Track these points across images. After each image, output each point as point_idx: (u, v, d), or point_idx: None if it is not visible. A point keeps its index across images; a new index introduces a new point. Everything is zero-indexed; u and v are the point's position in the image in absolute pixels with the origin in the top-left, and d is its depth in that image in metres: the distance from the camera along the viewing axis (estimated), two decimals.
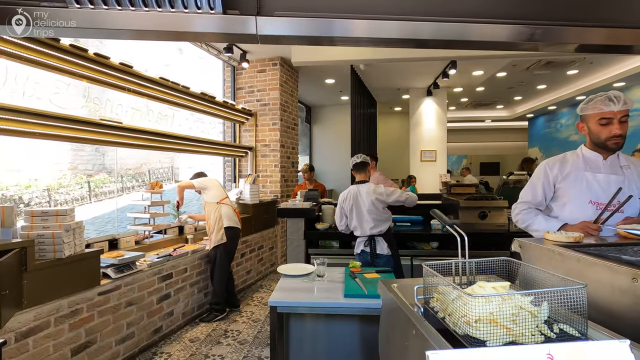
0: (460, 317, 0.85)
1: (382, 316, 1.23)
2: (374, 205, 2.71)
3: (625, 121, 1.50)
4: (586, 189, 1.58)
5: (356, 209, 2.76)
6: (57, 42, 2.77)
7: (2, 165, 9.95)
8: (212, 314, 3.59)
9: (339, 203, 2.86)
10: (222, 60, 5.41)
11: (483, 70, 6.25)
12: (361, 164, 2.82)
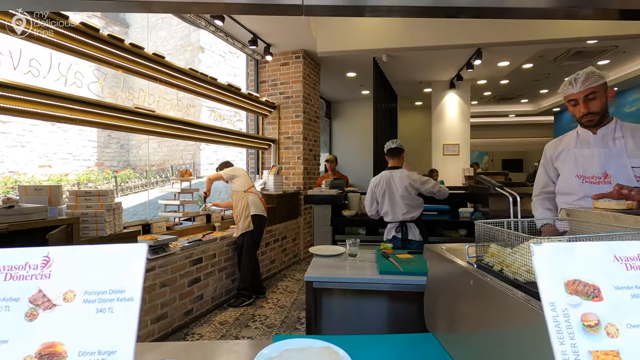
0: (521, 266, 0.85)
1: (429, 279, 1.23)
2: (407, 191, 2.70)
3: (594, 98, 1.55)
4: (573, 164, 1.67)
5: (388, 194, 2.76)
6: (96, 32, 2.89)
7: (35, 161, 10.37)
8: (239, 299, 3.66)
9: (370, 188, 2.86)
10: (246, 53, 5.50)
11: (509, 61, 6.11)
12: (396, 149, 2.82)
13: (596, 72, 1.56)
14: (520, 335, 0.70)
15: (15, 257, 0.39)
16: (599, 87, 1.54)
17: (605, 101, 1.57)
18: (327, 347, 1.02)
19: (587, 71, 1.56)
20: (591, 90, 1.54)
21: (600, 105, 1.56)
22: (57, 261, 0.39)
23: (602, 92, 1.56)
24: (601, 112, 1.57)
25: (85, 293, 0.38)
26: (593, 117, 1.57)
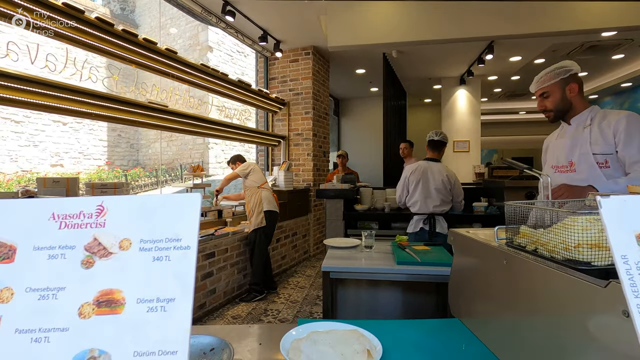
0: (559, 243, 0.82)
1: (454, 263, 1.21)
2: (443, 184, 2.71)
3: (547, 96, 1.59)
4: (551, 155, 1.73)
5: (423, 184, 2.75)
6: (110, 27, 2.91)
7: (47, 160, 10.52)
8: (251, 294, 3.66)
9: (404, 175, 2.86)
10: (256, 50, 5.50)
11: (521, 56, 6.03)
12: (438, 142, 2.81)
13: (561, 67, 1.56)
14: (565, 310, 0.68)
15: (69, 205, 0.38)
16: (553, 86, 1.57)
17: (560, 98, 1.58)
18: (354, 330, 1.01)
19: (549, 68, 1.59)
20: (542, 90, 1.60)
21: (554, 102, 1.59)
22: (112, 210, 0.38)
23: (556, 89, 1.58)
24: (555, 108, 1.60)
25: (141, 241, 0.37)
26: (549, 114, 1.63)
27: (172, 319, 0.34)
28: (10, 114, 10.07)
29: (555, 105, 1.59)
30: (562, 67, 1.56)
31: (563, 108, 1.60)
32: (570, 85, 1.57)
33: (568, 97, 1.57)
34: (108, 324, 0.34)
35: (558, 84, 1.56)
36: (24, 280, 0.36)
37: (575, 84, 1.58)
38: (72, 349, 0.33)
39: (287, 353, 0.88)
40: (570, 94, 1.57)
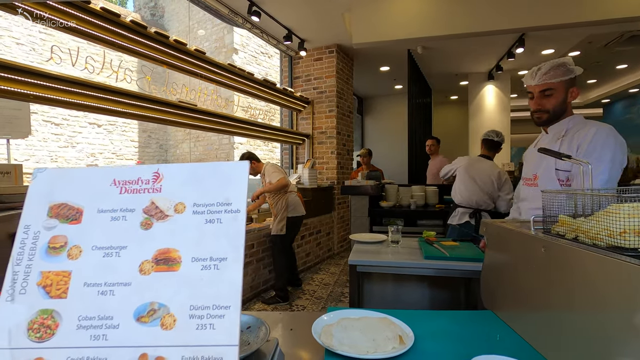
0: (602, 231, 0.79)
1: (487, 255, 1.18)
2: (491, 181, 2.70)
3: (550, 95, 1.39)
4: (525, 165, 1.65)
5: (469, 174, 2.77)
6: (143, 29, 3.04)
7: (83, 160, 11.08)
8: (274, 298, 3.56)
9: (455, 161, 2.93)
10: (280, 50, 5.57)
11: (554, 49, 5.78)
12: (495, 143, 2.81)
13: (566, 64, 1.39)
14: (610, 296, 0.65)
15: (128, 172, 0.41)
16: (559, 84, 1.38)
17: (562, 100, 1.40)
18: (384, 318, 1.01)
19: (555, 62, 1.40)
20: (548, 85, 1.38)
21: (555, 103, 1.40)
22: (167, 176, 0.40)
23: (561, 89, 1.39)
24: (553, 111, 1.42)
25: (194, 205, 0.39)
26: (542, 115, 1.44)
27: (224, 276, 0.36)
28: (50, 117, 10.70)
29: (555, 107, 1.40)
30: (570, 65, 1.39)
31: (560, 111, 1.42)
32: (573, 88, 1.41)
33: (568, 101, 1.40)
34: (166, 280, 0.36)
35: (564, 83, 1.37)
36: (90, 239, 0.39)
37: (576, 89, 1.42)
38: (134, 302, 0.36)
39: (319, 336, 0.89)
40: (570, 98, 1.41)
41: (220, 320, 0.35)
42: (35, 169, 0.41)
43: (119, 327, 0.35)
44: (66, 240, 0.39)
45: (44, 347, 0.35)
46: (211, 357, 0.34)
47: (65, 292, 0.37)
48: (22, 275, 0.37)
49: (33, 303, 0.36)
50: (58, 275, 0.37)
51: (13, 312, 0.36)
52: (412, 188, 3.55)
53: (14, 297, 0.37)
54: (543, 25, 3.70)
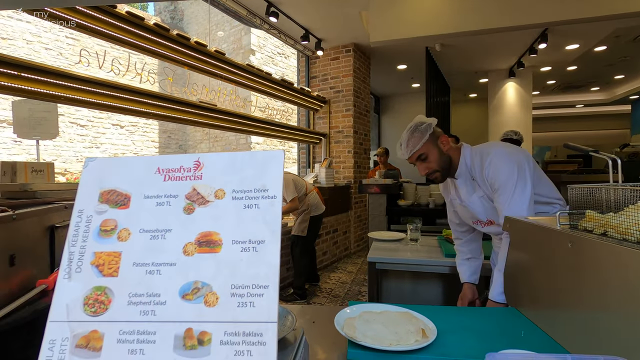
0: (633, 225, 0.77)
1: (510, 251, 1.17)
2: None
3: (427, 157, 1.41)
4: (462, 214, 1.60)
5: None
6: (166, 32, 3.12)
7: None
8: (292, 295, 3.61)
9: None
10: (298, 50, 5.61)
11: (579, 44, 5.59)
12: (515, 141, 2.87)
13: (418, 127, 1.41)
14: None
15: (171, 161, 0.43)
16: (425, 146, 1.40)
17: (439, 154, 1.42)
18: (406, 312, 1.01)
19: (409, 130, 1.43)
20: (418, 153, 1.41)
21: (436, 160, 1.41)
22: (207, 165, 0.43)
23: (430, 147, 1.41)
24: (441, 167, 1.43)
25: (233, 191, 0.41)
26: (436, 174, 1.45)
27: (263, 258, 0.38)
28: (76, 119, 11.11)
29: (439, 164, 1.42)
30: (422, 123, 1.42)
31: (447, 161, 1.43)
32: (440, 138, 1.43)
33: (445, 152, 1.42)
34: (208, 261, 0.39)
35: (430, 141, 1.40)
36: (137, 222, 0.42)
37: (444, 136, 1.44)
38: (179, 280, 0.39)
39: (342, 328, 0.91)
40: (445, 148, 1.43)
41: (259, 299, 0.37)
42: (87, 159, 0.44)
43: (166, 304, 0.38)
44: (116, 224, 0.41)
45: (99, 320, 0.38)
46: (252, 333, 0.36)
47: (116, 271, 0.40)
48: (77, 256, 0.41)
49: (88, 281, 0.39)
50: (109, 256, 0.40)
51: (70, 289, 0.39)
52: (431, 187, 3.52)
53: (70, 275, 0.40)
54: (567, 19, 3.59)
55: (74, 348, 0.37)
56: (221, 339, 0.36)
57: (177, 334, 0.37)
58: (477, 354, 0.81)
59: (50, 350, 0.37)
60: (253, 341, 0.35)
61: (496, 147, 1.42)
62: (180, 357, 0.36)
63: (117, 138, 12.11)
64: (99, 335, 0.37)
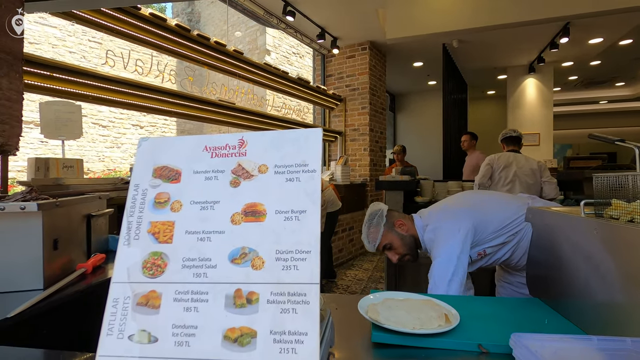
0: None
1: (533, 241, 1.17)
2: (532, 172, 2.68)
3: (391, 247, 1.39)
4: None
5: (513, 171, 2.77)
6: (187, 32, 3.21)
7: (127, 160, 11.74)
8: None
9: (487, 162, 2.93)
10: (313, 48, 5.65)
11: (602, 37, 5.43)
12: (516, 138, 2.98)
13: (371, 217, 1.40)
14: None
15: (217, 140, 0.47)
16: (386, 235, 1.37)
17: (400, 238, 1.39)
18: (428, 300, 1.03)
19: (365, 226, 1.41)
20: (381, 244, 1.39)
21: (400, 245, 1.39)
22: (250, 142, 0.46)
23: (391, 235, 1.38)
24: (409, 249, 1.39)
25: (275, 166, 0.44)
26: (407, 257, 1.41)
27: (304, 226, 0.41)
28: (98, 120, 11.48)
29: (405, 248, 1.39)
30: (374, 214, 1.41)
31: (412, 245, 1.40)
32: (395, 223, 1.40)
33: (406, 234, 1.40)
34: (254, 229, 0.42)
35: (387, 230, 1.38)
36: (188, 195, 0.45)
37: (399, 219, 1.41)
38: (228, 246, 0.42)
39: (366, 312, 0.93)
40: (403, 230, 1.40)
41: (302, 263, 0.40)
42: (141, 139, 0.49)
43: (217, 267, 0.41)
44: (169, 196, 0.45)
45: (156, 282, 0.42)
46: (296, 293, 0.39)
47: (170, 238, 0.43)
48: (135, 225, 0.45)
49: (145, 247, 0.43)
50: (164, 225, 0.44)
51: (130, 254, 0.43)
52: (449, 183, 3.49)
53: (129, 242, 0.44)
54: (590, 11, 3.50)
55: (135, 305, 0.41)
56: (268, 298, 0.39)
57: (228, 293, 0.40)
58: (501, 338, 0.82)
59: (114, 307, 0.41)
60: (297, 300, 0.39)
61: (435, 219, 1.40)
62: (231, 314, 0.39)
63: (137, 138, 12.45)
64: (157, 294, 0.41)
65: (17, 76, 1.09)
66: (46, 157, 2.22)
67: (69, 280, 0.98)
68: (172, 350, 0.39)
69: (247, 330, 0.38)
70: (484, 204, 1.43)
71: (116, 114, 10.73)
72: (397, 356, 0.83)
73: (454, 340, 0.84)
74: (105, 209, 1.32)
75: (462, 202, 1.46)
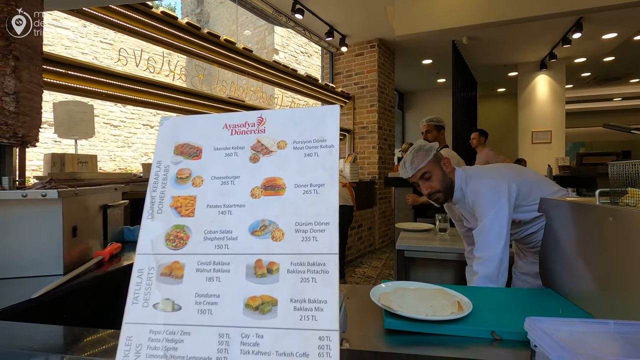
0: None
1: (546, 232, 1.16)
2: None
3: (430, 176, 1.43)
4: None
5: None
6: (197, 30, 3.24)
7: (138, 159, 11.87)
8: None
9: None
10: (322, 46, 5.66)
11: (617, 32, 5.33)
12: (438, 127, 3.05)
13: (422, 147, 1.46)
14: None
15: (237, 118, 0.48)
16: (430, 165, 1.43)
17: (442, 175, 1.44)
18: (440, 289, 1.03)
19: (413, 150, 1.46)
20: (423, 170, 1.43)
21: (439, 180, 1.44)
22: (269, 120, 0.47)
23: (433, 167, 1.44)
24: (443, 187, 1.45)
25: (294, 142, 0.45)
26: (438, 195, 1.46)
27: (323, 199, 0.42)
28: (109, 120, 11.66)
29: (442, 184, 1.43)
30: (426, 145, 1.47)
31: (448, 185, 1.45)
32: (443, 160, 1.47)
33: (447, 174, 1.45)
34: (274, 202, 0.43)
35: (433, 161, 1.43)
36: (209, 171, 0.47)
37: (446, 158, 1.48)
38: (248, 219, 0.43)
39: (378, 299, 0.94)
40: (447, 169, 1.45)
41: (321, 234, 0.41)
42: (162, 117, 0.50)
43: (238, 239, 0.42)
44: (190, 172, 0.47)
45: (179, 253, 0.43)
46: (315, 263, 0.40)
47: (192, 211, 0.45)
48: (158, 199, 0.46)
49: (168, 220, 0.45)
50: (186, 199, 0.45)
51: (154, 227, 0.45)
52: None
53: (153, 215, 0.45)
54: (604, 5, 3.44)
55: (159, 276, 0.42)
56: (288, 268, 0.40)
57: (249, 264, 0.41)
58: (515, 326, 0.82)
59: (139, 277, 0.43)
60: (317, 270, 0.39)
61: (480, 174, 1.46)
62: (252, 284, 0.40)
63: (147, 138, 12.62)
64: (180, 265, 0.42)
65: (37, 69, 1.12)
66: (62, 153, 2.27)
67: (87, 266, 1.00)
68: (195, 318, 0.40)
69: (268, 299, 0.39)
70: (529, 172, 1.50)
71: (127, 114, 10.90)
72: (409, 343, 0.83)
73: (467, 327, 0.84)
74: (121, 200, 1.35)
75: (508, 166, 1.53)
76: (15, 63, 1.03)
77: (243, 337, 0.39)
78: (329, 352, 0.37)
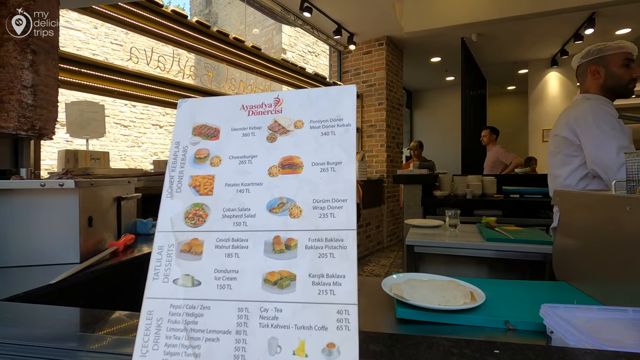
0: None
1: (560, 224, 1.15)
2: None
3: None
4: None
5: None
6: (207, 29, 3.27)
7: (147, 159, 12.02)
8: None
9: None
10: (330, 45, 5.66)
11: (631, 27, 5.22)
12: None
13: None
14: None
15: (254, 99, 0.49)
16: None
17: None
18: (452, 280, 1.03)
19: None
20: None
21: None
22: (286, 100, 0.48)
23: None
24: None
25: (310, 122, 0.46)
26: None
27: (340, 176, 0.43)
28: (119, 120, 11.82)
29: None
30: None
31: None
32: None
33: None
34: (291, 180, 0.44)
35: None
36: (227, 151, 0.47)
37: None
38: (266, 197, 0.44)
39: (390, 290, 0.94)
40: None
41: (339, 210, 0.41)
42: (180, 100, 0.51)
43: (256, 216, 0.43)
44: (208, 152, 0.47)
45: (198, 230, 0.44)
46: (333, 239, 0.40)
47: (211, 190, 0.45)
48: (177, 179, 0.47)
49: (187, 198, 0.46)
50: (204, 178, 0.46)
51: (173, 205, 0.46)
52: (468, 177, 3.44)
53: (172, 194, 0.46)
54: (616, 0, 3.38)
55: (178, 252, 0.43)
56: (306, 244, 0.40)
57: (267, 240, 0.42)
58: (529, 316, 0.81)
59: (159, 254, 0.43)
60: (335, 245, 0.40)
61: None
62: (271, 259, 0.41)
63: (156, 138, 12.76)
64: (199, 242, 0.43)
65: (54, 63, 1.14)
66: (75, 149, 2.32)
67: (102, 256, 1.02)
68: (215, 293, 0.41)
69: (286, 274, 0.40)
70: None
71: (137, 114, 11.04)
72: (422, 332, 0.83)
73: (480, 316, 0.84)
74: (134, 194, 1.37)
75: None
76: (33, 57, 1.05)
77: (262, 310, 0.39)
78: (348, 325, 0.37)
